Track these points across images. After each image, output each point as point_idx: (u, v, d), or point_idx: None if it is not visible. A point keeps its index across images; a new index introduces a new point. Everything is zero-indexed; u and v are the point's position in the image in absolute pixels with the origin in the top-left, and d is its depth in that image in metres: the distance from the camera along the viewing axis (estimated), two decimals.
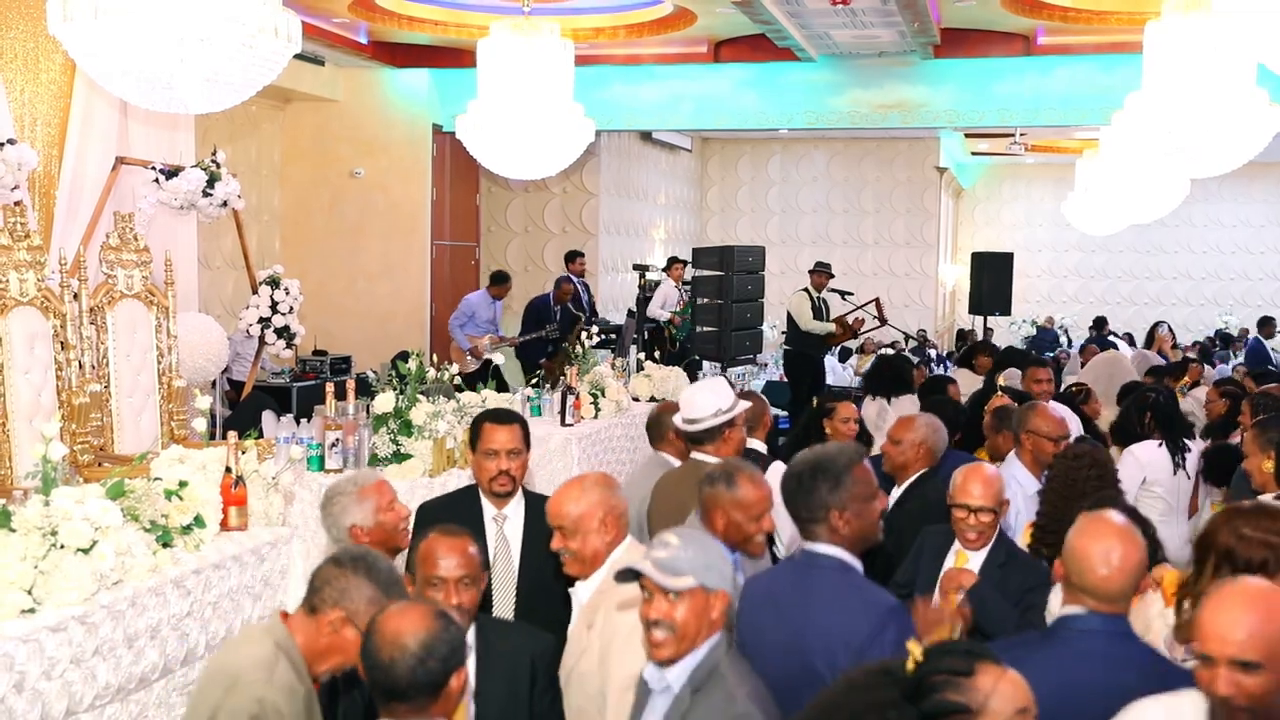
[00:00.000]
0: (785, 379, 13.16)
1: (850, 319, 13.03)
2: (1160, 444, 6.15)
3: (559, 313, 12.92)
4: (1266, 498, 4.59)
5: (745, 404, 5.25)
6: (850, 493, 3.41)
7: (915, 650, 2.35)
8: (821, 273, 12.88)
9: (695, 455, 4.99)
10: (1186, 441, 6.22)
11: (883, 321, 13.56)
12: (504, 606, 4.41)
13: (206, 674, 3.15)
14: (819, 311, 12.59)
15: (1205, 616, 2.51)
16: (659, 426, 5.58)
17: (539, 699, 3.45)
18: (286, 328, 8.46)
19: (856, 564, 3.44)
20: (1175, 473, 6.07)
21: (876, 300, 13.71)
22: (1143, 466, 6.02)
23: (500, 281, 12.92)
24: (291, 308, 8.49)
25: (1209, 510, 5.45)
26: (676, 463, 5.36)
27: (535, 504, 4.45)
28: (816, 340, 12.65)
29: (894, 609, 3.35)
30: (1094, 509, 3.74)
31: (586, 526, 3.68)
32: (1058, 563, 3.17)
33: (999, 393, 6.68)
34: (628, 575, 3.01)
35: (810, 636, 3.23)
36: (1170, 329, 15.19)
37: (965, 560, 4.27)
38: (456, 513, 4.44)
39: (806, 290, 12.71)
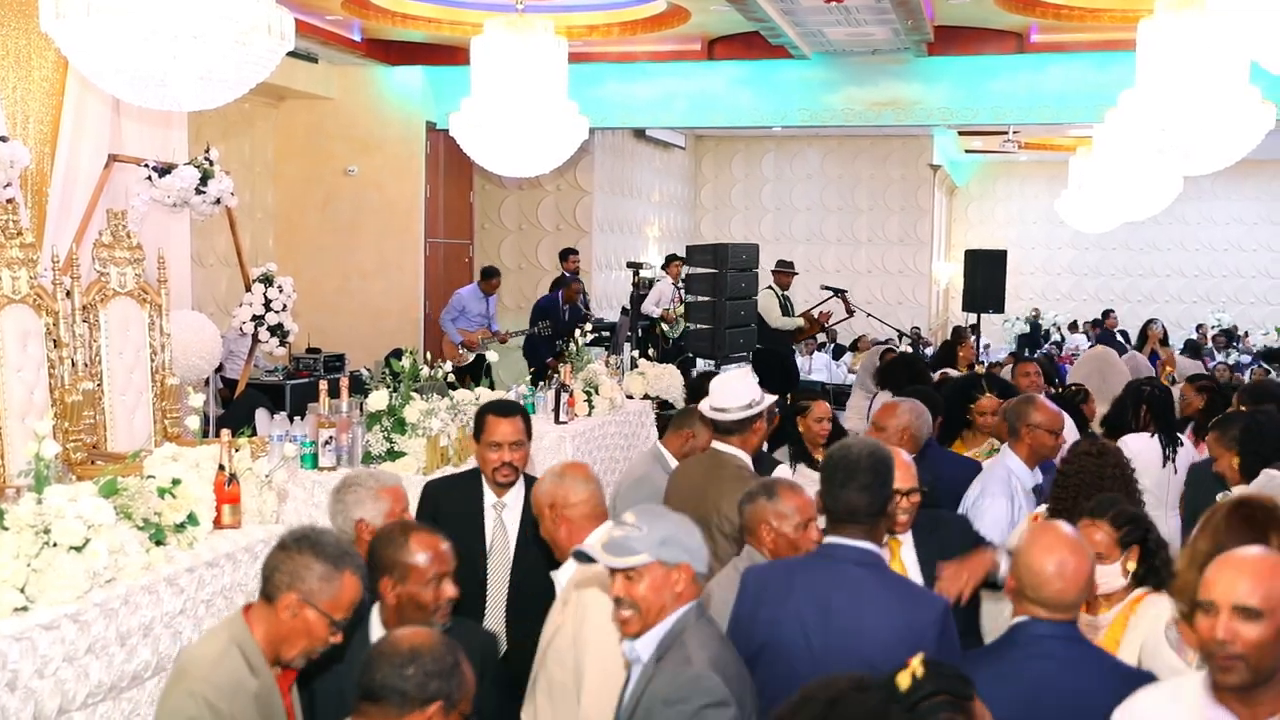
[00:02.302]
0: (758, 377, 13.17)
1: (816, 313, 13.14)
2: (1153, 435, 6.17)
3: (568, 312, 12.93)
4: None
5: (772, 398, 5.30)
6: (893, 487, 3.52)
7: (916, 665, 2.35)
8: (785, 271, 13.01)
9: (716, 445, 5.02)
10: (1180, 436, 6.24)
11: (850, 313, 13.62)
12: (498, 593, 4.55)
13: (174, 668, 3.18)
14: (785, 308, 12.68)
15: (1212, 569, 2.62)
16: (682, 423, 5.64)
17: (487, 696, 3.49)
18: (280, 325, 8.44)
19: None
20: (1164, 465, 6.09)
21: (843, 292, 13.76)
22: (1132, 457, 6.02)
23: (490, 276, 12.94)
24: (285, 305, 8.47)
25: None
26: (667, 456, 5.39)
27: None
28: (785, 337, 12.74)
29: (948, 607, 3.42)
30: (1095, 512, 3.77)
31: (541, 514, 3.85)
32: (1010, 577, 3.19)
33: (986, 394, 6.69)
34: (582, 557, 3.11)
35: (873, 639, 3.23)
36: (1163, 326, 15.22)
37: (899, 546, 4.23)
38: (460, 496, 4.66)
39: (771, 288, 12.78)
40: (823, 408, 6.59)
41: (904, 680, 2.27)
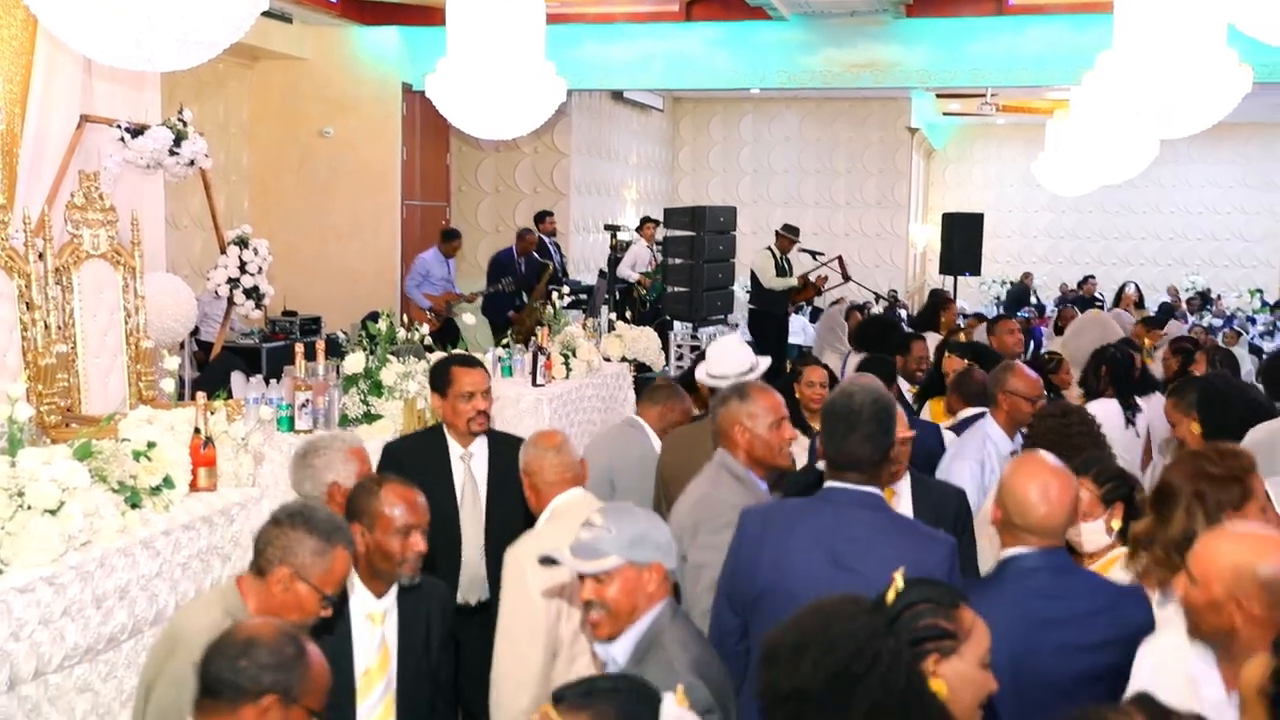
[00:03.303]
0: (751, 338, 13.21)
1: (813, 276, 13.10)
2: (1114, 400, 6.24)
3: (523, 264, 12.87)
4: None
5: (766, 362, 5.32)
6: (893, 429, 3.50)
7: (899, 580, 2.40)
8: (788, 237, 12.94)
9: None
10: (1138, 399, 6.29)
11: (846, 278, 13.61)
12: (473, 542, 4.64)
13: (157, 638, 3.17)
14: (782, 270, 12.65)
15: (1201, 545, 2.73)
16: (659, 396, 5.60)
17: (443, 648, 3.61)
18: (255, 288, 8.39)
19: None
20: (1126, 428, 6.14)
21: (839, 258, 13.74)
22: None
23: (451, 238, 12.82)
24: (260, 268, 8.42)
25: (1161, 464, 5.52)
26: (649, 431, 5.39)
27: (498, 441, 4.75)
28: (780, 299, 12.71)
29: (955, 545, 3.40)
30: (1079, 470, 3.82)
31: (522, 478, 4.03)
32: (995, 507, 3.23)
33: (948, 354, 6.76)
34: (547, 561, 3.07)
35: (876, 576, 3.23)
36: (1138, 289, 15.29)
37: (892, 496, 4.26)
38: (424, 452, 4.72)
39: (770, 249, 12.76)
40: (815, 372, 6.57)
41: (890, 595, 2.36)
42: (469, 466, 4.70)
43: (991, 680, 2.43)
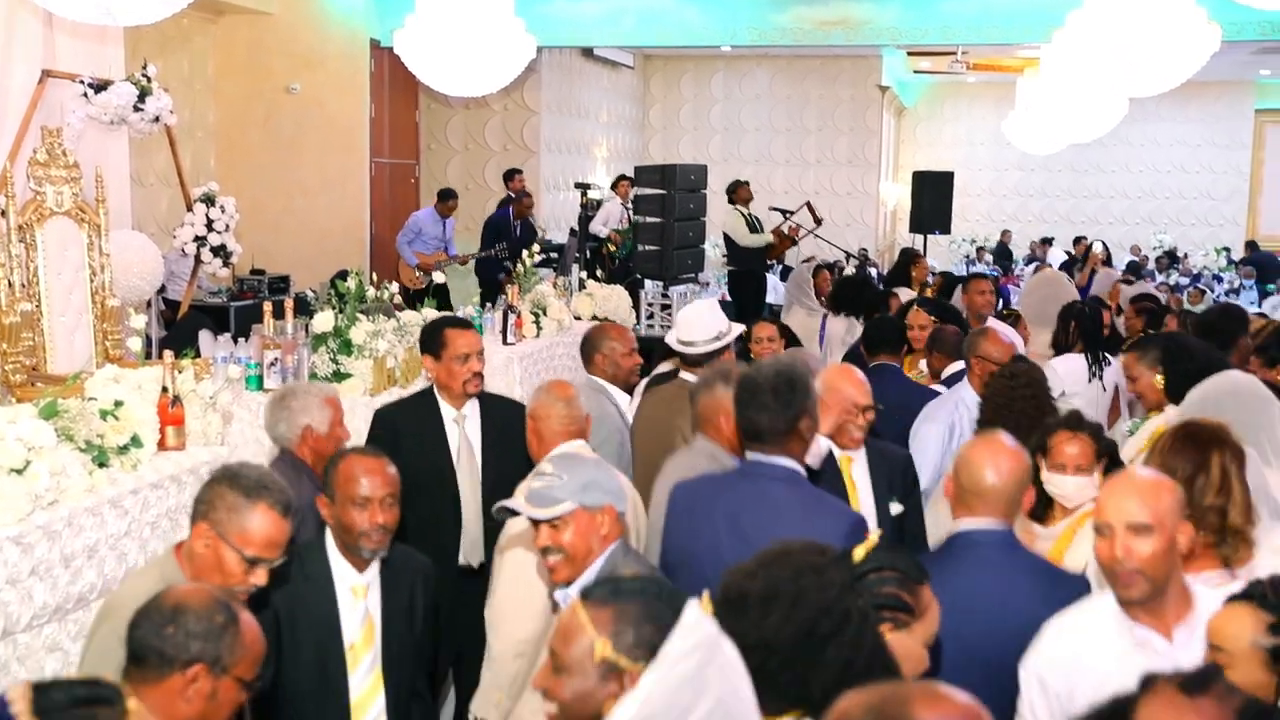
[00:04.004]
0: (730, 299, 13.22)
1: (786, 228, 13.11)
2: (1082, 355, 6.31)
3: (519, 228, 12.83)
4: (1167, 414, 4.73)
5: (738, 329, 5.31)
6: (813, 400, 3.51)
7: (871, 541, 2.44)
8: (741, 187, 12.95)
9: (684, 376, 5.04)
10: (1107, 355, 6.36)
11: (818, 222, 13.59)
12: (472, 504, 4.63)
13: (100, 607, 3.14)
14: (753, 225, 12.65)
15: (1102, 495, 2.81)
16: (591, 349, 5.47)
17: (427, 618, 3.58)
18: (223, 246, 8.32)
19: (803, 473, 3.51)
20: (1090, 382, 6.21)
21: (807, 203, 13.73)
22: (1061, 379, 6.13)
23: (447, 198, 12.80)
24: (228, 226, 8.35)
25: (1129, 421, 5.57)
26: (611, 388, 5.36)
27: (489, 402, 4.78)
28: (759, 256, 12.71)
29: (861, 521, 3.45)
30: (1073, 425, 3.86)
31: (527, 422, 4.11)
32: (947, 478, 3.28)
33: (915, 308, 6.81)
34: (505, 512, 3.12)
35: None
36: (1105, 247, 15.36)
37: (850, 463, 4.31)
38: (417, 416, 4.71)
39: (735, 208, 12.75)
40: (763, 328, 6.58)
41: (859, 553, 2.38)
42: (463, 429, 4.70)
43: (926, 661, 2.47)
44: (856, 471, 4.30)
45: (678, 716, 1.80)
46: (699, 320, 5.19)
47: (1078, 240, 18.78)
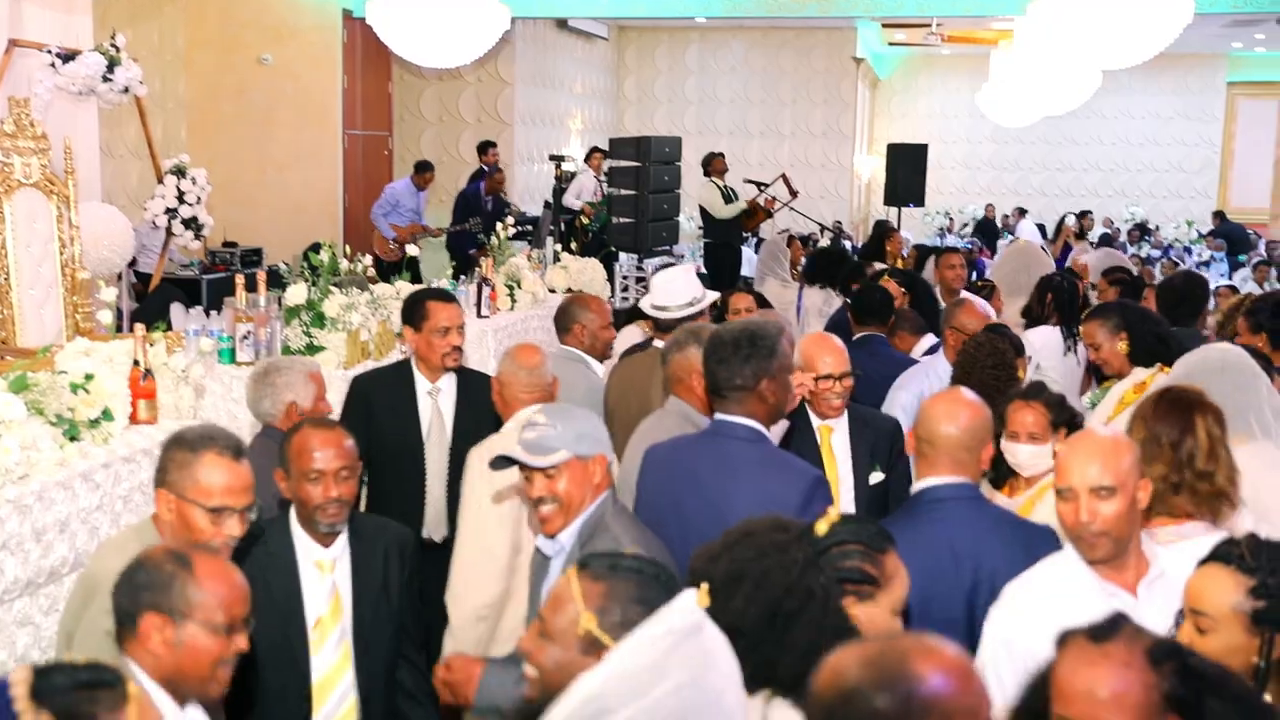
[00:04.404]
0: (705, 271, 13.23)
1: (762, 200, 13.12)
2: (1057, 327, 6.34)
3: (490, 203, 12.80)
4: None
5: (712, 296, 5.31)
6: (779, 363, 3.48)
7: (833, 514, 2.43)
8: (716, 159, 12.95)
9: (658, 343, 5.04)
10: (1081, 327, 6.40)
11: (793, 194, 13.60)
12: (438, 478, 4.63)
13: (76, 581, 3.11)
14: (728, 196, 12.65)
15: (1063, 458, 2.86)
16: (568, 320, 5.48)
17: (407, 588, 3.54)
18: (194, 219, 8.27)
19: (769, 435, 3.51)
20: (1065, 354, 6.25)
21: (783, 175, 13.74)
22: (1035, 351, 6.16)
23: (424, 170, 12.76)
24: (199, 198, 8.29)
25: (1089, 396, 5.62)
26: (587, 358, 5.37)
27: (466, 377, 4.76)
28: (734, 228, 12.71)
29: (819, 479, 3.43)
30: (1028, 395, 3.91)
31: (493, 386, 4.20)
32: (909, 434, 3.32)
33: (885, 278, 6.84)
34: (501, 462, 3.12)
35: (737, 508, 3.19)
36: (1078, 220, 15.44)
37: (830, 433, 4.33)
38: (391, 387, 4.71)
39: (710, 180, 12.75)
40: (742, 299, 6.58)
41: (821, 527, 2.38)
42: (437, 402, 4.69)
43: (899, 626, 2.47)
44: (836, 441, 4.32)
45: (628, 698, 1.79)
46: (674, 286, 5.19)
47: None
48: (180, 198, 8.19)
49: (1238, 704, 2.06)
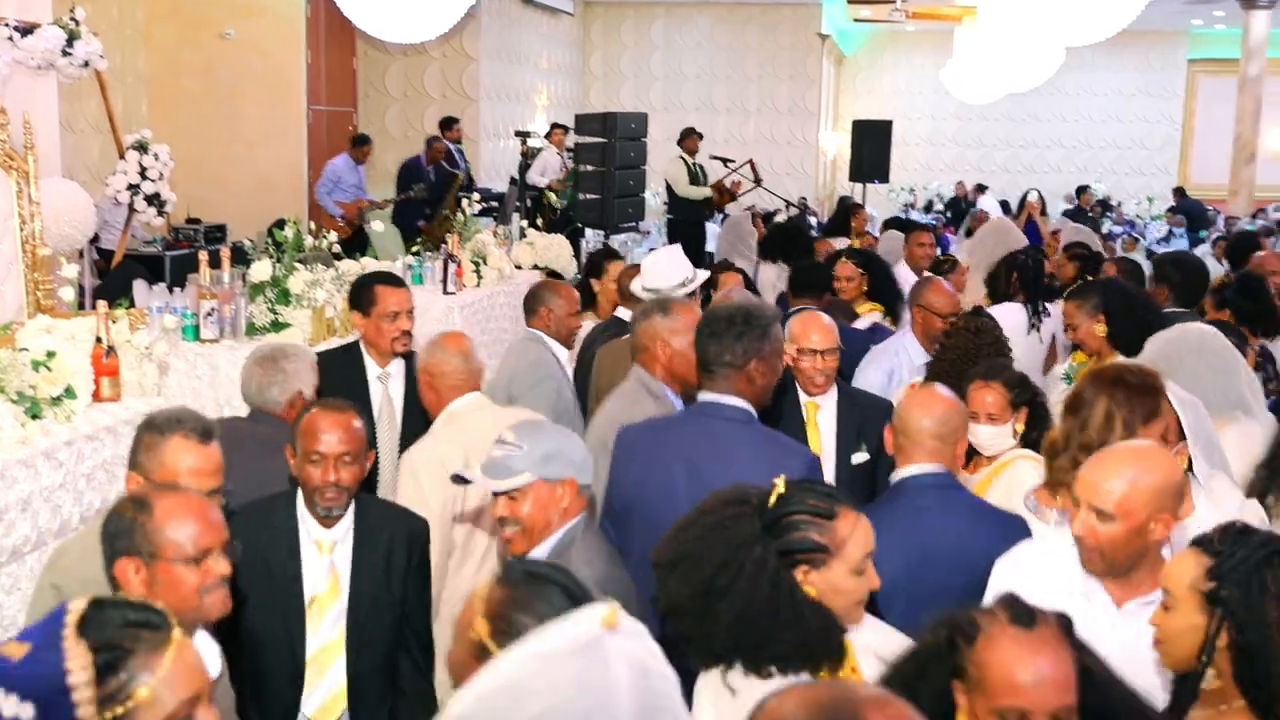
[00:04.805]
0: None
1: (728, 182, 13.15)
2: (1023, 305, 6.36)
3: (432, 172, 12.74)
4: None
5: (703, 275, 5.32)
6: (773, 346, 3.50)
7: (780, 484, 2.46)
8: (691, 136, 12.96)
9: None
10: (1046, 305, 6.43)
11: (758, 182, 13.64)
12: (388, 464, 4.58)
13: (40, 579, 3.12)
14: (695, 176, 12.66)
15: (1084, 466, 2.84)
16: (536, 303, 5.49)
17: (411, 579, 3.50)
18: (157, 195, 8.19)
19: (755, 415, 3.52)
20: (1029, 333, 6.28)
21: (750, 161, 13.77)
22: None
23: (362, 144, 12.67)
24: (161, 174, 8.21)
25: (1063, 368, 5.65)
26: (550, 341, 5.37)
27: (415, 362, 4.60)
28: (697, 206, 12.73)
29: (814, 460, 3.47)
30: (988, 375, 3.94)
31: (419, 377, 4.10)
32: (888, 429, 3.34)
33: (843, 259, 6.89)
34: (459, 480, 3.09)
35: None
36: (1041, 196, 15.51)
37: (816, 410, 4.35)
38: (341, 371, 4.63)
39: (681, 157, 12.76)
40: (731, 277, 6.61)
41: (771, 498, 2.42)
42: (387, 388, 4.65)
43: (868, 583, 2.49)
44: (823, 419, 4.33)
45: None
46: (665, 266, 5.18)
47: (1082, 190, 18.78)
48: (142, 173, 8.11)
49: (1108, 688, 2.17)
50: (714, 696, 2.38)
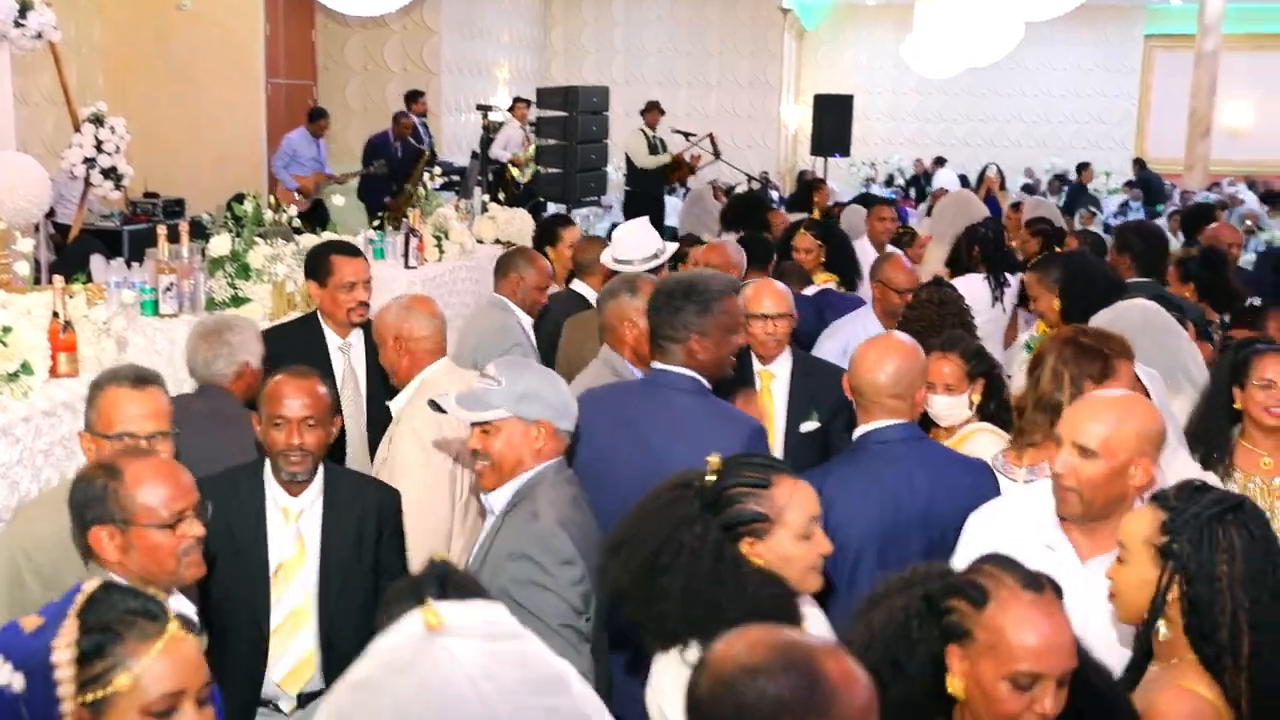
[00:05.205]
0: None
1: (687, 155, 13.16)
2: (985, 277, 6.42)
3: (399, 148, 12.67)
4: None
5: (672, 248, 5.33)
6: (715, 320, 3.48)
7: (714, 462, 2.48)
8: (653, 110, 12.96)
9: None
10: (1008, 276, 6.50)
11: (717, 155, 13.65)
12: (356, 434, 4.58)
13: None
14: (655, 148, 12.67)
15: (1070, 407, 2.90)
16: (508, 268, 5.52)
17: (384, 549, 3.51)
18: (113, 168, 8.10)
19: (708, 386, 3.53)
20: (993, 305, 6.34)
21: (710, 135, 13.78)
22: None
23: (318, 118, 12.57)
24: (118, 147, 8.12)
25: (1025, 337, 5.72)
26: (514, 307, 5.38)
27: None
28: (656, 179, 12.74)
29: (758, 429, 3.47)
30: (946, 346, 3.99)
31: (384, 341, 4.05)
32: (846, 379, 3.35)
33: (802, 230, 6.92)
34: (434, 406, 3.10)
35: (675, 459, 3.20)
36: (999, 170, 15.61)
37: (770, 379, 4.38)
38: (301, 341, 4.62)
39: (641, 130, 12.77)
40: (698, 252, 6.60)
41: (708, 477, 2.45)
42: (348, 358, 4.62)
43: (816, 547, 2.50)
44: (776, 386, 4.37)
45: None
46: (636, 238, 5.19)
47: (1083, 167, 18.76)
48: (98, 147, 8.02)
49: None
50: (675, 676, 2.36)
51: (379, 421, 4.46)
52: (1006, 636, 2.05)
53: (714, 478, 2.46)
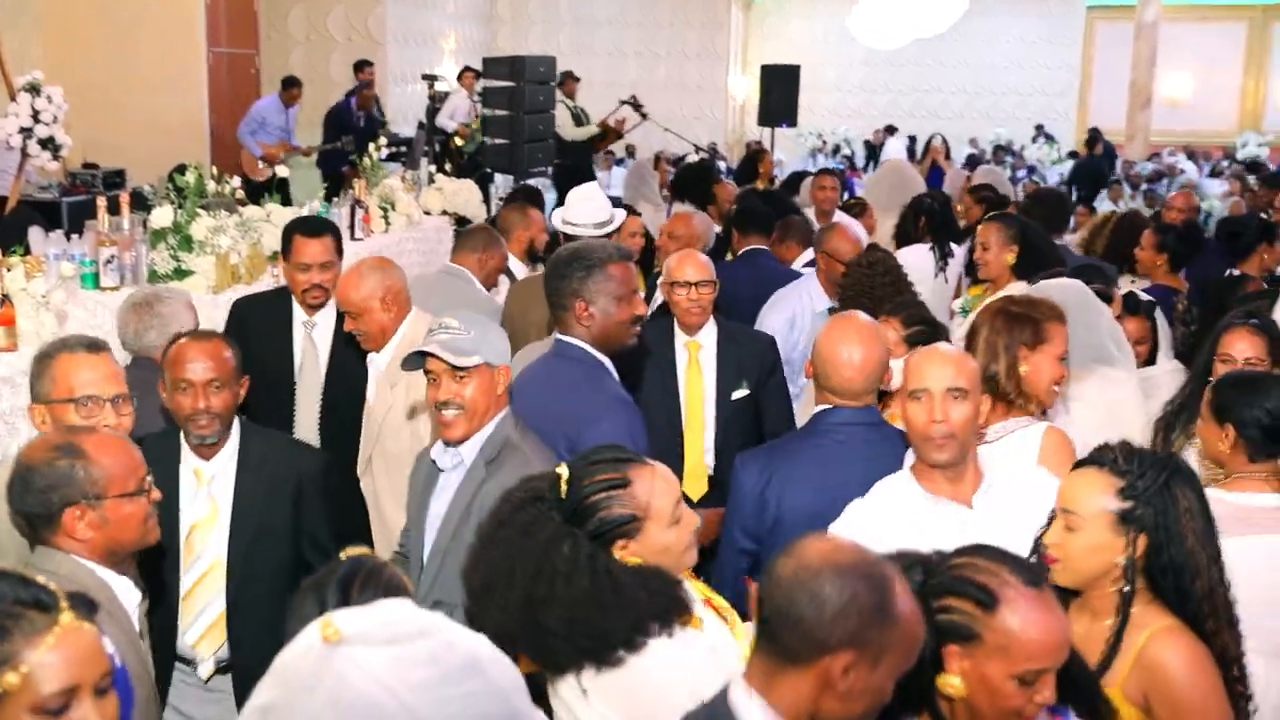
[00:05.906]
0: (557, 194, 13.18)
1: (612, 120, 13.16)
2: (930, 248, 6.48)
3: (362, 119, 12.57)
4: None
5: (623, 215, 5.33)
6: (600, 288, 3.46)
7: (563, 471, 2.43)
8: (569, 80, 12.96)
9: None
10: (953, 247, 6.55)
11: (643, 116, 13.65)
12: (308, 412, 4.52)
13: None
14: (579, 118, 12.64)
15: (916, 363, 2.94)
16: (478, 245, 5.56)
17: (306, 515, 3.48)
18: (51, 139, 7.97)
19: (604, 360, 3.50)
20: (936, 276, 6.40)
21: (633, 97, 13.77)
22: (908, 271, 6.32)
23: (290, 86, 12.48)
24: (55, 117, 7.99)
25: (959, 302, 5.80)
26: (470, 275, 5.39)
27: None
28: (584, 150, 12.71)
29: (624, 401, 3.43)
30: (891, 312, 4.02)
31: (370, 306, 4.04)
32: (808, 363, 3.38)
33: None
34: (414, 360, 3.08)
35: (551, 420, 3.29)
36: (945, 140, 15.71)
37: (699, 349, 4.40)
38: (268, 314, 4.60)
39: (562, 101, 12.72)
40: (635, 222, 6.59)
41: (563, 488, 2.40)
42: (310, 335, 4.55)
43: (686, 527, 2.47)
44: (704, 357, 4.38)
45: None
46: (588, 202, 5.15)
47: (1094, 140, 18.74)
48: (35, 117, 7.89)
49: None
50: (570, 702, 2.36)
51: (336, 406, 4.43)
52: (1019, 638, 2.00)
53: (567, 487, 2.40)
